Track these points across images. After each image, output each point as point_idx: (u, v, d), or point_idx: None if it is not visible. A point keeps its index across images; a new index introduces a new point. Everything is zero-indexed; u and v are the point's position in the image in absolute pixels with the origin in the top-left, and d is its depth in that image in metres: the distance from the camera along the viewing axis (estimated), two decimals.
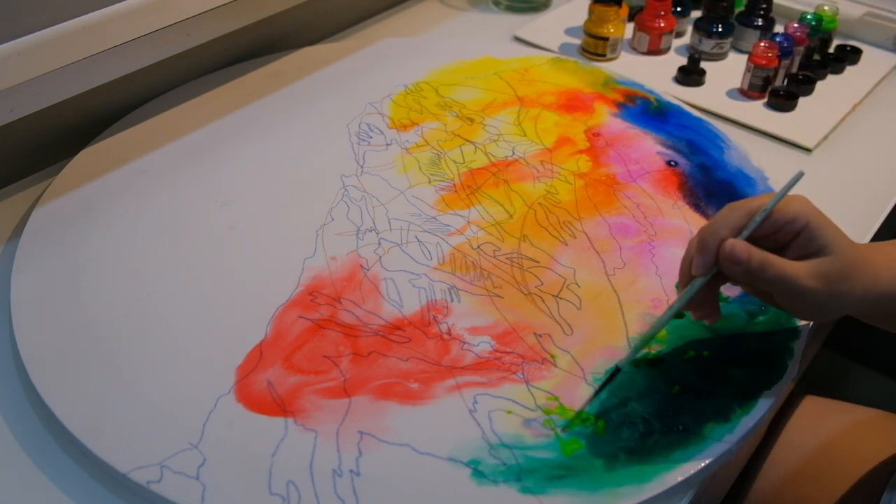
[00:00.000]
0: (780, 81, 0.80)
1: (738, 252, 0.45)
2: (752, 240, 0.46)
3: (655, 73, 0.82)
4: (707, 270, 0.46)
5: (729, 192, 0.64)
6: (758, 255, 0.45)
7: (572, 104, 0.75)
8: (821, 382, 1.06)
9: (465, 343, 0.52)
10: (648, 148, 0.70)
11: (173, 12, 0.66)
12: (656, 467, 0.44)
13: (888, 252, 0.48)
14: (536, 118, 0.73)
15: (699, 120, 0.73)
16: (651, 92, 0.77)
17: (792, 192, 0.48)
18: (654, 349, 0.51)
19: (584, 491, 0.43)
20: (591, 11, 0.84)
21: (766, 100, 0.79)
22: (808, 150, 0.73)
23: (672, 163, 0.68)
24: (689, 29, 0.88)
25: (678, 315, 0.49)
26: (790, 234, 0.46)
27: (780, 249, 0.46)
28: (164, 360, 0.50)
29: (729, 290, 0.55)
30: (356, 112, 0.73)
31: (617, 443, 0.46)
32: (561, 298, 0.55)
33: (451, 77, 0.78)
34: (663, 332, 0.52)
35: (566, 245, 0.60)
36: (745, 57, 0.81)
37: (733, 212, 0.47)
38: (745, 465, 0.64)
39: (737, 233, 0.46)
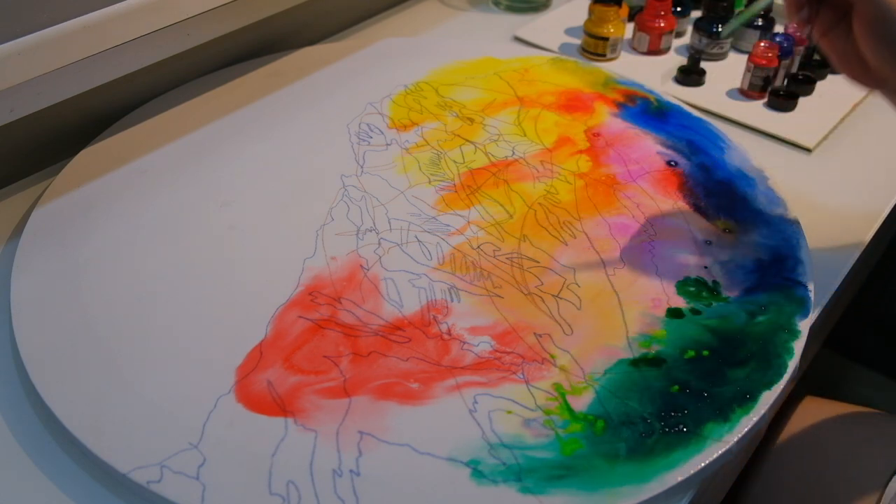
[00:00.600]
0: (780, 81, 0.80)
1: None
2: None
3: (655, 73, 0.82)
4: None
5: (729, 192, 0.64)
6: None
7: (572, 104, 0.75)
8: (821, 382, 1.06)
9: (465, 343, 0.52)
10: (648, 148, 0.70)
11: (173, 12, 0.66)
12: (656, 467, 0.44)
13: None
14: (536, 118, 0.73)
15: (699, 120, 0.73)
16: (651, 92, 0.77)
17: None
18: (654, 349, 0.51)
19: (584, 491, 0.43)
20: (591, 11, 0.84)
21: (766, 100, 0.79)
22: (808, 150, 0.73)
23: (672, 163, 0.68)
24: (689, 29, 0.88)
25: None
26: None
27: None
28: (164, 360, 0.50)
29: (729, 291, 0.55)
30: (356, 112, 0.73)
31: (617, 443, 0.46)
32: (561, 298, 0.55)
33: (451, 77, 0.78)
34: (663, 332, 0.52)
35: (566, 245, 0.60)
36: (745, 57, 0.81)
37: None
38: (745, 465, 0.64)
39: None
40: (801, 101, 0.78)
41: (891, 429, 0.65)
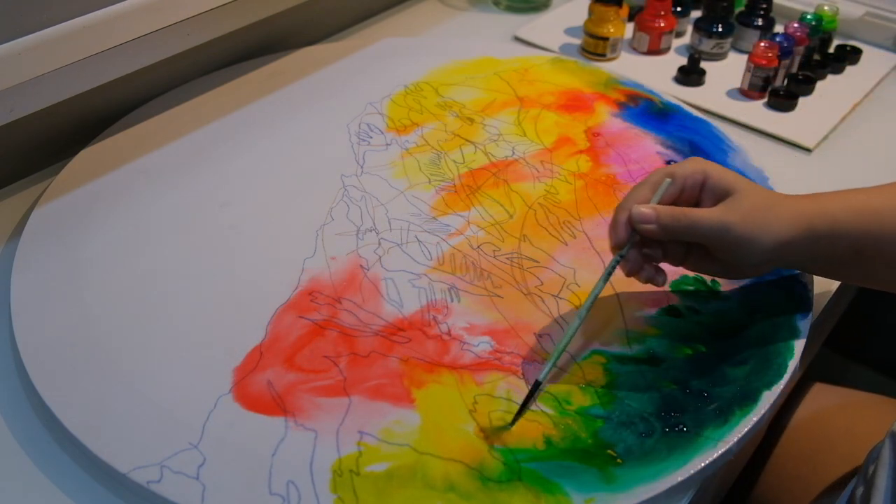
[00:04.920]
0: (780, 81, 0.80)
1: (643, 211, 0.48)
2: None
3: (655, 73, 0.82)
4: (620, 243, 0.49)
5: None
6: (667, 209, 0.48)
7: (572, 104, 0.75)
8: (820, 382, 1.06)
9: (464, 343, 0.52)
10: (648, 148, 0.70)
11: (173, 12, 0.66)
12: (656, 467, 0.44)
13: (811, 196, 0.50)
14: (536, 118, 0.73)
15: (699, 120, 0.73)
16: (651, 92, 0.77)
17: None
18: (652, 348, 0.51)
19: (584, 491, 0.43)
20: (591, 11, 0.84)
21: (766, 100, 0.79)
22: (808, 150, 0.73)
23: (672, 163, 0.68)
24: (689, 29, 0.88)
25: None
26: (695, 189, 0.50)
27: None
28: (164, 360, 0.50)
29: (728, 286, 0.55)
30: (356, 112, 0.73)
31: (616, 443, 0.46)
32: (561, 298, 0.55)
33: (450, 77, 0.78)
34: (661, 331, 0.52)
35: (566, 245, 0.60)
36: (745, 57, 0.81)
37: (637, 189, 0.50)
38: (745, 464, 0.64)
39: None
40: (801, 101, 0.78)
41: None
